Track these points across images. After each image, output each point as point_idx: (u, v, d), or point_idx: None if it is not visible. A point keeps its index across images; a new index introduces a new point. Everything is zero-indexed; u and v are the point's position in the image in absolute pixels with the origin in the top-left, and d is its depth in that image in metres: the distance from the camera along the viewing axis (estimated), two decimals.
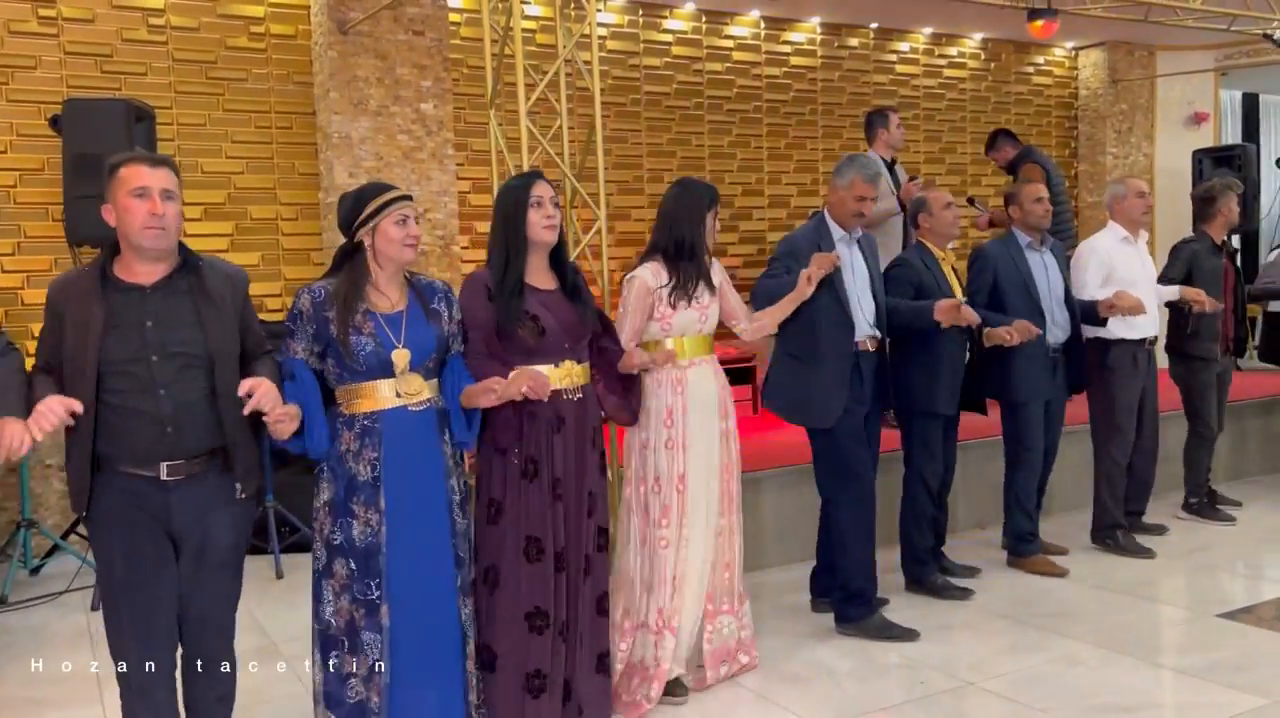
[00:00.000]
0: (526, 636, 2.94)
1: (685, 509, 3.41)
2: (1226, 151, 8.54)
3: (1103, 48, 9.34)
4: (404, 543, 2.71)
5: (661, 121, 7.58)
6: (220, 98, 6.08)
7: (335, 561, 2.72)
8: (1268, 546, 5.12)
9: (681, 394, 3.42)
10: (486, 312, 2.97)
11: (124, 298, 2.49)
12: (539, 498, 2.98)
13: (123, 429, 2.45)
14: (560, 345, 3.03)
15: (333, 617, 2.73)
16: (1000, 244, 4.68)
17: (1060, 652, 3.77)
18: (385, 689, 2.68)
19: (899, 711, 3.32)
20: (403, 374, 2.72)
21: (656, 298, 3.42)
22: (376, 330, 2.71)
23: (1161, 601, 4.34)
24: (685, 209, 3.48)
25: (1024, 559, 4.74)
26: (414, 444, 2.75)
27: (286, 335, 2.74)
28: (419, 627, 2.72)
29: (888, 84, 8.54)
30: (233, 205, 6.10)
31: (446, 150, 6.31)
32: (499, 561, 2.96)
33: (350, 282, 2.74)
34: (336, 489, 2.73)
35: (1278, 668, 3.56)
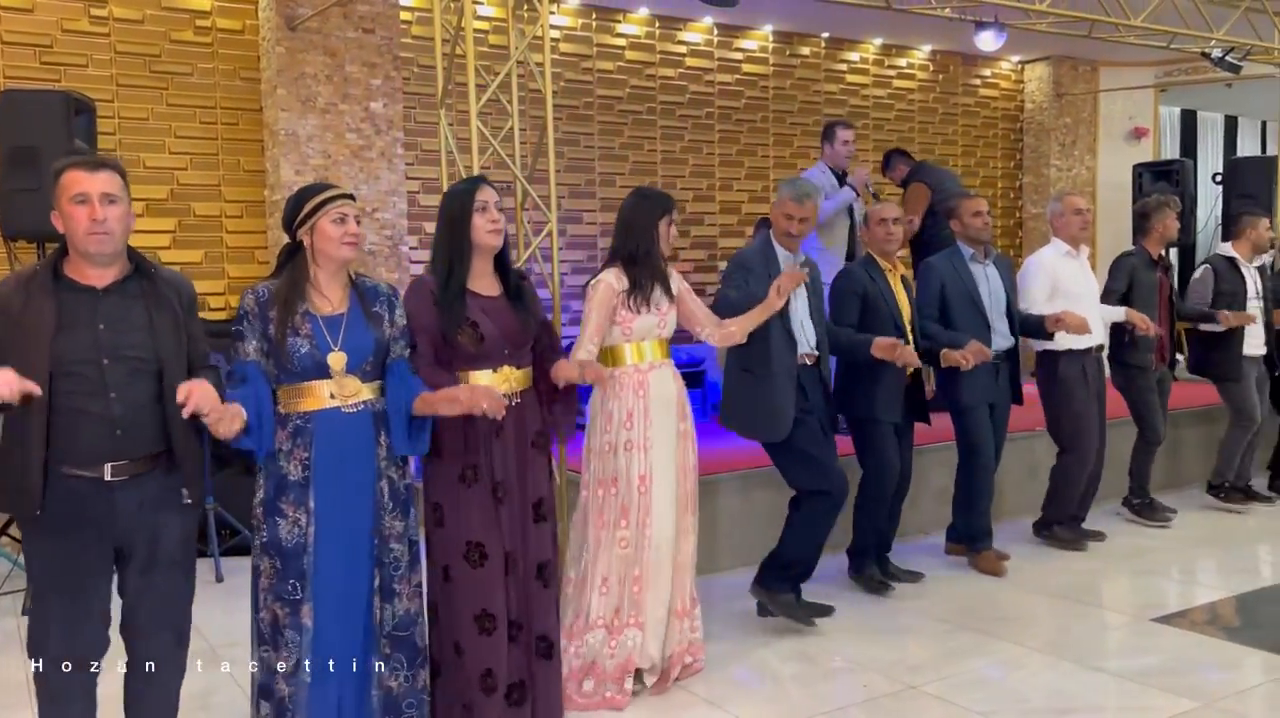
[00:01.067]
0: (477, 637, 2.98)
1: (648, 509, 3.45)
2: (1165, 166, 8.74)
3: (1048, 62, 9.52)
4: (331, 544, 2.72)
5: (614, 126, 7.58)
6: (164, 92, 5.97)
7: (263, 559, 2.75)
8: (1202, 552, 5.23)
9: (643, 397, 3.48)
10: (432, 317, 2.97)
11: (76, 298, 2.49)
12: (479, 503, 2.99)
13: (69, 429, 2.43)
14: (500, 351, 3.04)
15: (262, 613, 2.76)
16: (946, 258, 4.81)
17: (1001, 656, 3.82)
18: (304, 687, 2.70)
19: (842, 713, 3.34)
20: (339, 376, 2.72)
21: (619, 302, 3.47)
22: (314, 332, 2.71)
23: (1099, 605, 4.42)
24: (642, 217, 3.55)
25: (979, 556, 4.86)
26: (346, 445, 2.74)
27: (235, 338, 2.74)
28: (340, 627, 2.74)
29: (838, 93, 8.63)
30: (176, 202, 5.99)
31: (396, 150, 6.26)
32: (449, 561, 3.01)
33: (291, 282, 2.74)
34: (268, 488, 2.74)
35: (1210, 672, 3.65)
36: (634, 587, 3.46)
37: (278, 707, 2.74)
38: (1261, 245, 5.95)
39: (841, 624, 4.11)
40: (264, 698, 2.77)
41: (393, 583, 2.82)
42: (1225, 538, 5.43)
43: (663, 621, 3.51)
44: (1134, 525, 5.62)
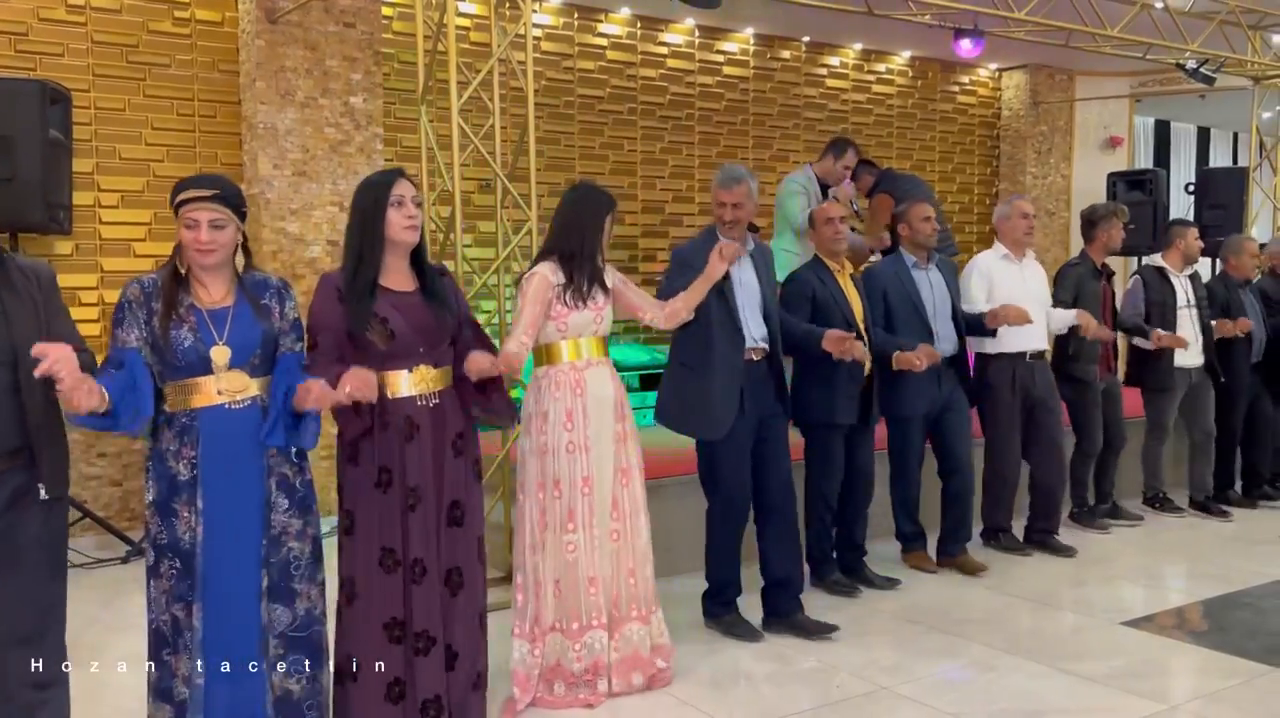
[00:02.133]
0: (386, 646, 2.91)
1: (593, 510, 3.40)
2: (1139, 175, 8.84)
3: (1025, 70, 9.61)
4: (219, 543, 2.64)
5: (594, 125, 7.58)
6: (141, 83, 5.91)
7: (161, 561, 2.67)
8: (1169, 557, 5.30)
9: (581, 396, 3.41)
10: (337, 314, 2.87)
11: None
12: (392, 508, 2.91)
13: None
14: (414, 349, 2.93)
15: (160, 616, 2.68)
16: (889, 264, 4.86)
17: (972, 657, 3.86)
18: (199, 689, 2.64)
19: (814, 714, 3.37)
20: (222, 372, 2.63)
21: (555, 296, 3.41)
22: (198, 325, 2.62)
23: (1069, 609, 4.47)
24: (585, 213, 3.49)
25: (910, 555, 4.99)
26: (233, 443, 2.66)
27: (114, 325, 2.63)
28: (227, 627, 2.66)
29: (818, 97, 8.67)
30: (152, 194, 5.93)
31: (375, 145, 6.23)
32: (355, 572, 2.94)
33: (173, 274, 2.65)
34: (160, 489, 2.66)
35: (1175, 674, 3.70)
36: (590, 589, 3.41)
37: (178, 710, 2.66)
38: (1191, 255, 6.00)
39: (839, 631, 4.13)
40: (164, 701, 2.69)
41: (291, 583, 2.74)
42: (1194, 544, 5.50)
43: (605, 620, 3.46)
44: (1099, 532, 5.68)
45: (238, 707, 2.68)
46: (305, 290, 5.17)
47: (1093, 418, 5.58)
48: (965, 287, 5.05)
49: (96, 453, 5.68)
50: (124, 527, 5.54)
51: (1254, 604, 4.44)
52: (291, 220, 5.99)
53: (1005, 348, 5.01)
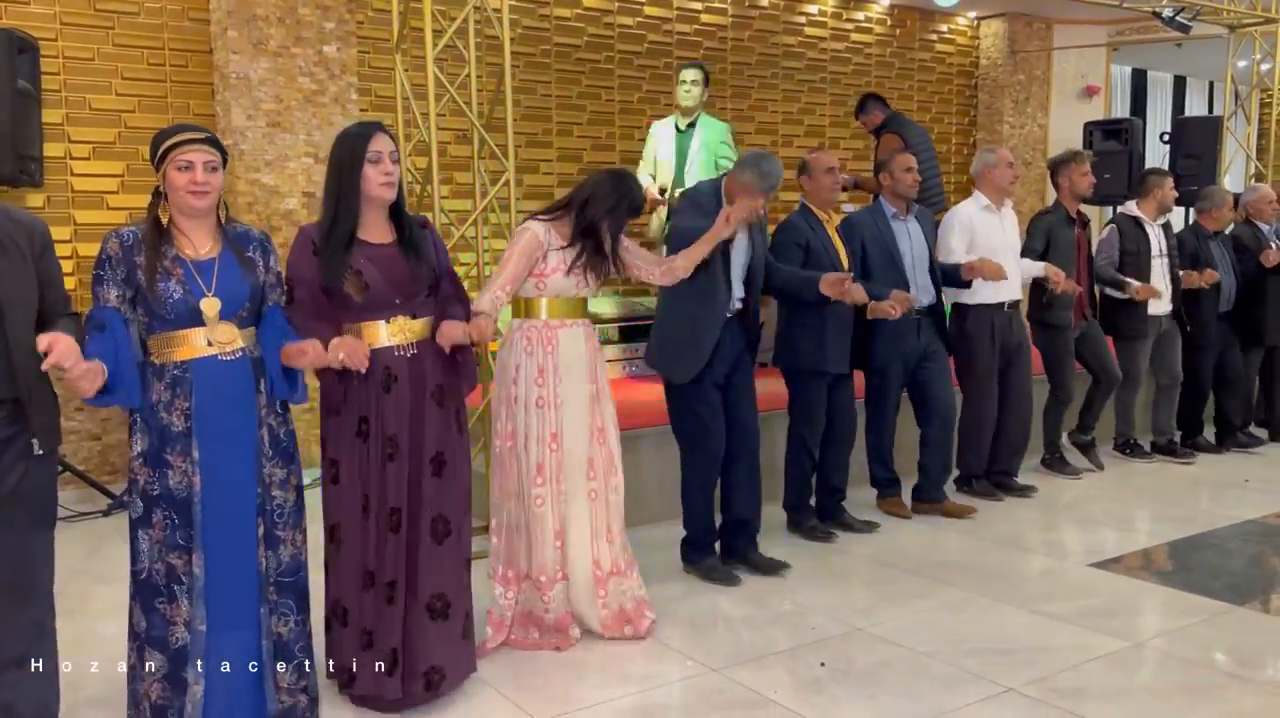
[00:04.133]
0: (360, 592, 3.00)
1: (561, 466, 3.45)
2: (1115, 124, 8.86)
3: (1003, 18, 9.57)
4: (215, 492, 2.68)
5: (571, 74, 7.52)
6: (110, 31, 5.81)
7: (154, 511, 2.68)
8: (1137, 500, 5.42)
9: (552, 353, 3.45)
10: (312, 267, 2.89)
11: None
12: (370, 457, 2.97)
13: None
14: (389, 301, 2.95)
15: (155, 564, 2.70)
16: (868, 213, 4.88)
17: (944, 599, 3.95)
18: (200, 635, 2.70)
19: (791, 654, 3.45)
20: (213, 323, 2.65)
21: (543, 255, 3.42)
22: (186, 278, 2.63)
23: (1039, 552, 4.57)
24: (621, 202, 3.47)
25: (886, 502, 5.09)
26: (225, 393, 2.69)
27: (95, 283, 2.62)
28: (228, 574, 2.72)
29: (796, 46, 8.62)
30: (124, 145, 5.86)
31: (350, 95, 6.16)
32: (340, 519, 3.01)
33: (155, 226, 2.64)
34: (150, 440, 2.67)
35: (1141, 613, 3.81)
36: (555, 542, 3.46)
37: (173, 657, 2.70)
38: (1166, 205, 6.06)
39: (791, 570, 4.22)
40: (156, 649, 2.71)
41: (276, 530, 2.79)
42: (1162, 488, 5.62)
43: (587, 573, 3.52)
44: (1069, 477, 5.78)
45: (238, 651, 2.74)
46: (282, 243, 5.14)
47: (1065, 366, 5.66)
48: (944, 238, 5.11)
49: (74, 407, 5.67)
50: (105, 480, 5.55)
51: (1219, 545, 4.56)
52: (266, 172, 5.94)
53: (984, 298, 5.10)
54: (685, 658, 3.43)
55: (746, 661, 3.41)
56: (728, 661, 3.40)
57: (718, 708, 3.09)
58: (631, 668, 3.36)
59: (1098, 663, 3.35)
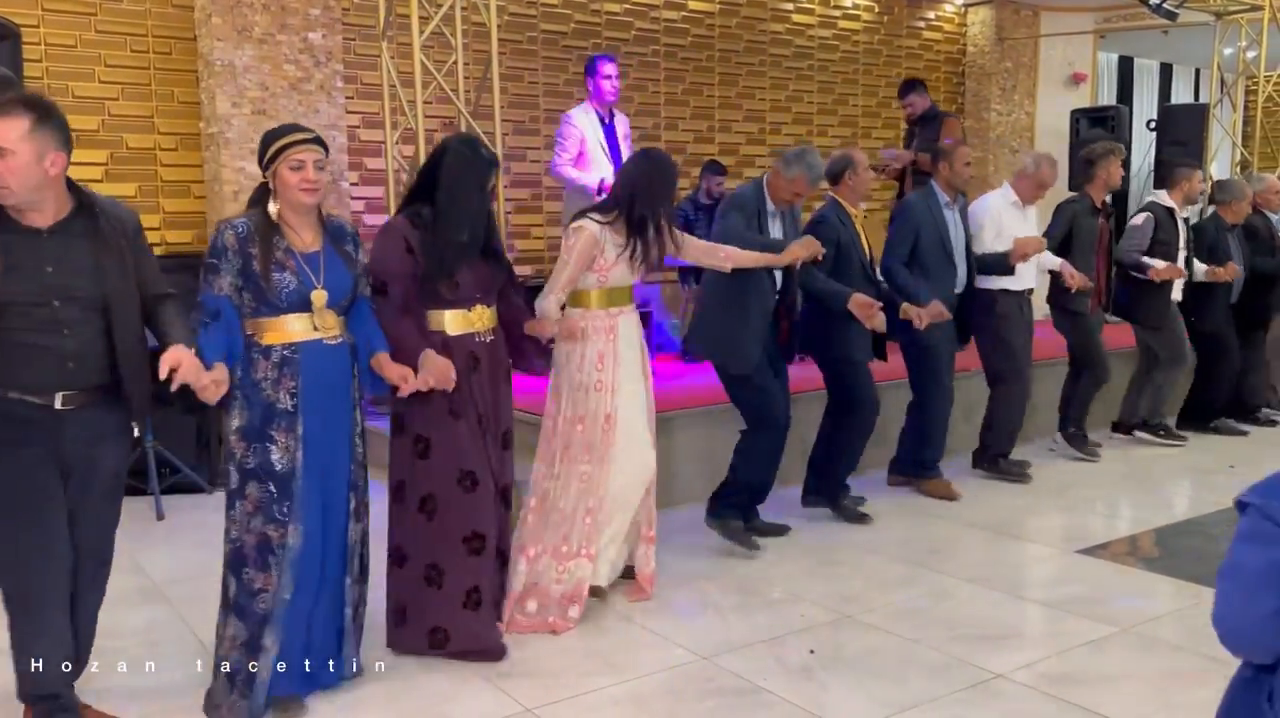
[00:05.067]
0: (465, 557, 3.23)
1: (609, 446, 3.63)
2: (1102, 112, 8.89)
3: (990, 6, 9.57)
4: (314, 468, 2.87)
5: (558, 61, 7.49)
6: (93, 18, 5.76)
7: (249, 483, 2.84)
8: (1123, 487, 5.45)
9: (613, 341, 3.66)
10: (405, 264, 3.13)
11: (21, 240, 2.52)
12: (467, 434, 3.23)
13: (20, 361, 2.52)
14: (472, 295, 3.25)
15: (244, 535, 2.86)
16: (921, 199, 4.98)
17: (932, 586, 3.97)
18: (284, 603, 2.85)
19: (780, 642, 3.46)
20: (320, 311, 2.86)
21: (600, 250, 3.61)
22: (298, 269, 2.83)
23: (1026, 538, 4.59)
24: (661, 183, 3.66)
25: (927, 482, 5.15)
26: (328, 376, 2.89)
27: (209, 271, 2.79)
28: (318, 546, 2.90)
29: (784, 33, 8.61)
30: (107, 133, 5.82)
31: (335, 83, 6.13)
32: (435, 490, 3.23)
33: (267, 219, 2.84)
34: (251, 416, 2.83)
35: (1127, 599, 3.83)
36: (586, 518, 3.62)
37: (256, 623, 2.85)
38: (1193, 197, 6.20)
39: (781, 558, 4.25)
40: (239, 618, 2.87)
41: (360, 506, 3.03)
42: (1146, 474, 5.65)
43: (619, 548, 3.74)
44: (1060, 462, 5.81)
45: (320, 618, 2.96)
46: None
47: (1096, 345, 5.77)
48: (975, 227, 5.21)
49: None
50: None
51: (1204, 531, 4.59)
52: (251, 160, 5.85)
53: (1011, 285, 5.24)
54: (674, 646, 3.44)
55: (736, 648, 3.42)
56: (717, 648, 3.41)
57: (707, 696, 3.10)
58: (620, 656, 3.37)
59: (1085, 649, 3.38)
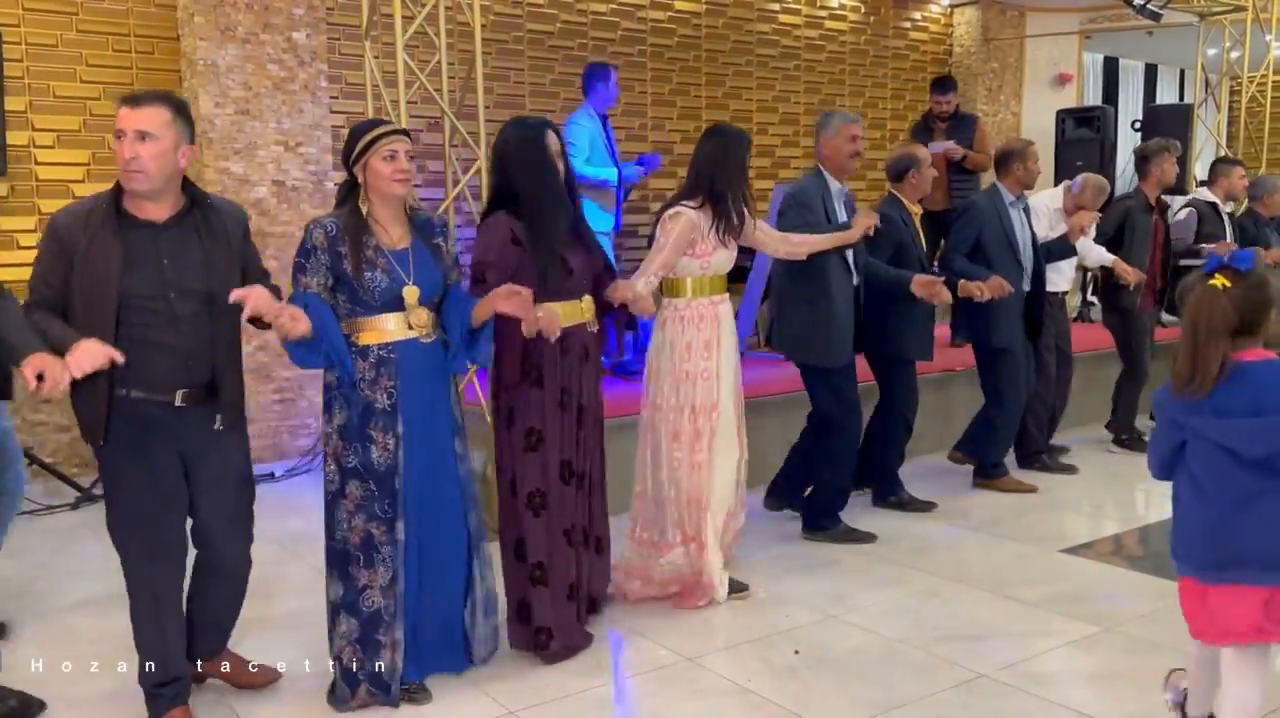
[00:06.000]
0: (566, 550, 3.29)
1: (715, 433, 3.71)
2: (1088, 112, 8.90)
3: (976, 6, 9.59)
4: (417, 465, 2.91)
5: (544, 61, 7.47)
6: (74, 17, 5.72)
7: (350, 482, 2.90)
8: (1111, 486, 5.46)
9: (717, 328, 3.73)
10: (508, 254, 3.12)
11: (139, 234, 2.60)
12: (569, 424, 3.28)
13: (141, 360, 2.57)
14: (581, 284, 3.29)
15: (348, 534, 2.91)
16: (988, 199, 5.09)
17: (916, 586, 3.97)
18: (400, 597, 2.91)
19: (765, 642, 3.46)
20: (412, 308, 2.88)
21: (699, 234, 3.65)
22: (389, 267, 2.86)
23: (1012, 538, 4.59)
24: (732, 155, 3.71)
25: (995, 481, 5.27)
26: (425, 374, 2.93)
27: (297, 270, 2.83)
28: (428, 540, 2.96)
29: (770, 33, 8.60)
30: (89, 133, 5.78)
31: (319, 82, 6.10)
32: (541, 485, 3.23)
33: (357, 218, 2.87)
34: (349, 416, 2.88)
35: (1111, 599, 3.84)
36: (695, 506, 3.70)
37: (370, 619, 2.90)
38: (1235, 193, 6.38)
39: (766, 559, 4.24)
40: (350, 614, 2.92)
41: (470, 499, 3.09)
42: (1131, 474, 5.66)
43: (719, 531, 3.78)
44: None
45: (441, 610, 3.03)
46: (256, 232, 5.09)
47: (1142, 346, 5.89)
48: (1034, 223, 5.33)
49: (41, 399, 5.59)
50: (72, 473, 5.47)
51: None
52: (235, 160, 5.87)
53: (1050, 287, 5.34)
54: (659, 647, 3.43)
55: (721, 649, 3.41)
56: (702, 649, 3.40)
57: (692, 697, 3.09)
58: (606, 658, 3.36)
59: (1069, 648, 3.38)
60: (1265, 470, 2.27)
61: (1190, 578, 2.40)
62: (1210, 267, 2.35)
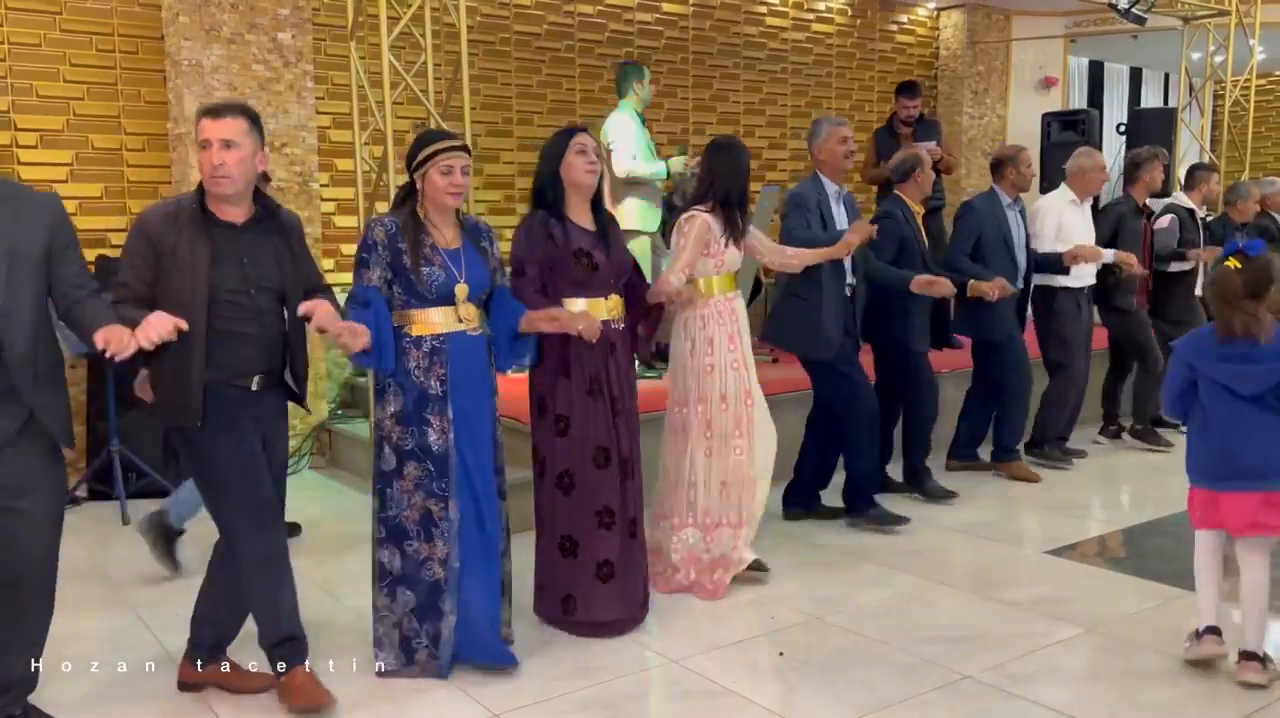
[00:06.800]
0: (597, 530, 3.46)
1: (752, 421, 3.93)
2: (1073, 116, 8.94)
3: (962, 10, 9.63)
4: (466, 447, 3.13)
5: (531, 63, 7.46)
6: (58, 17, 5.69)
7: (408, 463, 3.12)
8: (1097, 487, 5.48)
9: (735, 322, 3.97)
10: (546, 249, 3.38)
11: (223, 234, 2.84)
12: (603, 413, 3.45)
13: (226, 350, 2.83)
14: (607, 281, 3.49)
15: (405, 511, 3.13)
16: (985, 201, 5.31)
17: (902, 588, 3.97)
18: (455, 571, 3.12)
19: (751, 644, 3.46)
20: (462, 303, 3.12)
21: (712, 236, 3.90)
22: (444, 264, 3.10)
23: (996, 539, 4.61)
24: (735, 166, 3.98)
25: (1008, 465, 5.52)
26: (472, 365, 3.16)
27: (360, 265, 3.08)
28: (479, 521, 3.16)
29: (757, 36, 8.62)
30: (72, 133, 5.75)
31: (305, 83, 6.08)
32: (571, 466, 3.45)
33: (414, 218, 3.11)
34: (405, 401, 3.11)
35: (1094, 600, 3.84)
36: (734, 491, 3.91)
37: (427, 591, 3.12)
38: (1211, 199, 6.54)
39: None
40: (408, 587, 3.14)
41: (503, 484, 3.30)
42: (1117, 475, 5.69)
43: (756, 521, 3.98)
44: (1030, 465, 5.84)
45: (481, 590, 3.18)
46: None
47: (1148, 338, 6.04)
48: (1036, 225, 5.55)
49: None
50: None
51: (1172, 532, 4.61)
52: None
53: (1070, 283, 5.56)
54: (644, 649, 3.43)
55: (705, 651, 3.41)
56: (687, 651, 3.40)
57: (675, 699, 3.09)
58: (590, 659, 3.35)
59: (1052, 649, 3.39)
60: (1259, 404, 3.02)
61: (1201, 488, 3.15)
62: (1227, 251, 3.11)
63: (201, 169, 2.81)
